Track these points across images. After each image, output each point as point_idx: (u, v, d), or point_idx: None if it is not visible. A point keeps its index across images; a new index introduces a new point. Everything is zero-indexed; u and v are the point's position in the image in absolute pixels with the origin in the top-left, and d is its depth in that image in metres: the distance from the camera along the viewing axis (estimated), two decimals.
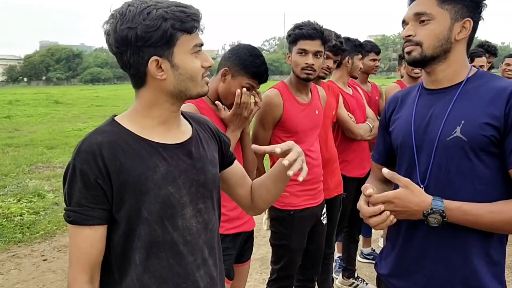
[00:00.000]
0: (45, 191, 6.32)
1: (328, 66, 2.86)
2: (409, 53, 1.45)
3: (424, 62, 1.45)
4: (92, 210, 1.16)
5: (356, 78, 3.44)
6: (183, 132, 1.35)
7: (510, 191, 1.38)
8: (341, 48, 2.91)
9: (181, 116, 1.38)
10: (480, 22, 1.47)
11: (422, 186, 1.43)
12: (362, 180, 3.26)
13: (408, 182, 1.36)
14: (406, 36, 1.45)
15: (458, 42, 1.43)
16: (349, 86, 3.35)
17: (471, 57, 3.87)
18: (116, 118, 1.28)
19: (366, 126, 3.20)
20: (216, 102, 2.08)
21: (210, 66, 1.28)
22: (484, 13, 1.46)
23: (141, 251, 1.21)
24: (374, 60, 3.68)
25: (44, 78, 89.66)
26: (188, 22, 1.19)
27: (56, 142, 10.85)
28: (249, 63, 2.05)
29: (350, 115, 3.14)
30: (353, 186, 3.19)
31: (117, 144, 1.19)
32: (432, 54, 1.42)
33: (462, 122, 1.35)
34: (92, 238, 1.18)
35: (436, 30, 1.40)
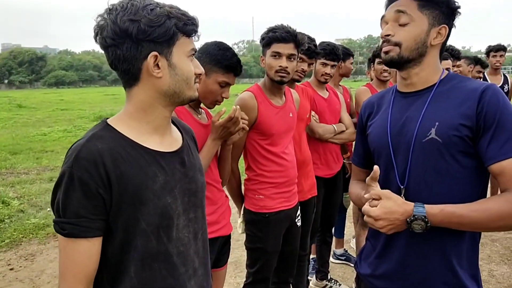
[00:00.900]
0: (10, 198, 6.10)
1: (302, 69, 2.90)
2: (386, 52, 1.47)
3: (400, 64, 1.47)
4: (91, 221, 1.10)
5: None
6: (176, 139, 1.34)
7: (484, 190, 1.43)
8: (315, 51, 2.95)
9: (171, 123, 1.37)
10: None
11: (402, 187, 1.46)
12: (329, 181, 3.31)
13: (388, 193, 1.36)
14: (385, 35, 1.47)
15: (433, 47, 1.46)
16: (327, 90, 3.39)
17: None
18: (109, 122, 1.22)
19: (329, 127, 3.24)
20: (213, 119, 2.08)
21: (200, 74, 1.27)
22: (457, 21, 1.50)
23: (137, 263, 1.17)
24: (352, 63, 3.89)
25: (6, 81, 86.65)
26: (189, 25, 1.20)
27: (19, 147, 10.51)
28: (220, 57, 2.07)
29: (313, 113, 3.18)
30: (320, 186, 3.19)
31: (117, 152, 1.14)
32: (408, 56, 1.45)
33: (436, 123, 1.39)
34: (89, 251, 1.12)
35: (414, 32, 1.43)
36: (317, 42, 3.12)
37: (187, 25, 1.19)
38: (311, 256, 3.81)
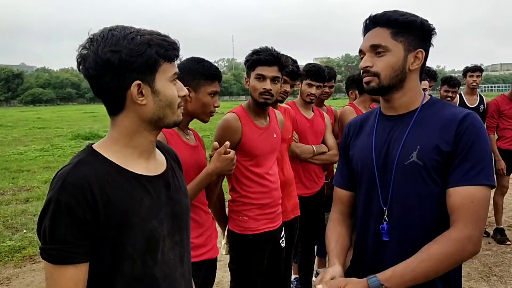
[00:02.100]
0: None
1: (285, 90, 2.95)
2: (367, 83, 1.52)
3: (381, 91, 1.52)
4: (79, 247, 1.10)
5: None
6: (160, 162, 1.34)
7: None
8: (298, 73, 3.00)
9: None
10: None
11: (384, 208, 1.49)
12: (307, 200, 3.32)
13: (344, 280, 1.40)
14: (364, 67, 1.51)
15: (412, 72, 1.51)
16: (312, 111, 3.43)
17: None
18: (94, 147, 1.23)
19: (307, 148, 3.28)
20: (213, 153, 2.13)
21: (184, 96, 1.29)
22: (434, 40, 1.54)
23: (124, 285, 1.16)
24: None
25: None
26: (170, 50, 1.20)
27: None
28: (201, 69, 2.13)
29: (294, 133, 3.22)
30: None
31: (103, 177, 1.15)
32: (389, 83, 1.49)
33: (418, 147, 1.44)
34: (77, 277, 1.11)
35: (391, 61, 1.47)
36: (298, 61, 3.18)
37: (168, 51, 1.20)
38: (293, 276, 3.80)
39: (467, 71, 5.41)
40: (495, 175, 1.45)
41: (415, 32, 1.48)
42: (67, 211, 1.08)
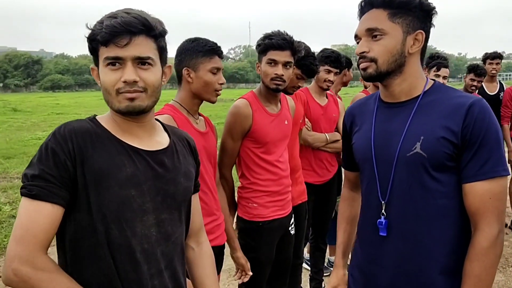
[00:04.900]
0: (1, 203, 6.04)
1: (299, 86, 2.91)
2: (364, 69, 1.44)
3: (379, 77, 1.44)
4: (58, 188, 1.15)
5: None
6: (158, 142, 1.36)
7: None
8: (316, 71, 2.97)
9: (158, 128, 1.40)
10: (437, 34, 1.48)
11: (383, 202, 1.44)
12: (320, 188, 3.29)
13: None
14: (360, 53, 1.43)
15: (412, 55, 1.42)
16: (326, 98, 3.38)
17: (438, 67, 3.95)
18: (97, 117, 1.32)
19: (320, 136, 3.24)
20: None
21: (126, 81, 1.21)
22: (435, 21, 1.45)
23: (101, 251, 1.20)
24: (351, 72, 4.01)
25: (1, 85, 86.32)
26: (101, 33, 1.20)
27: (13, 151, 10.43)
28: (196, 47, 2.07)
29: (306, 121, 3.18)
30: (310, 192, 3.18)
31: (89, 135, 1.22)
32: (387, 69, 1.41)
33: (422, 138, 1.36)
34: (52, 216, 1.15)
35: (389, 45, 1.39)
36: (316, 48, 3.14)
37: (97, 35, 1.21)
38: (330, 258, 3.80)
39: (486, 58, 5.27)
40: (508, 164, 1.38)
41: (414, 12, 1.39)
42: (52, 155, 1.17)
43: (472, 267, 1.33)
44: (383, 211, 1.44)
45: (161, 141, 1.37)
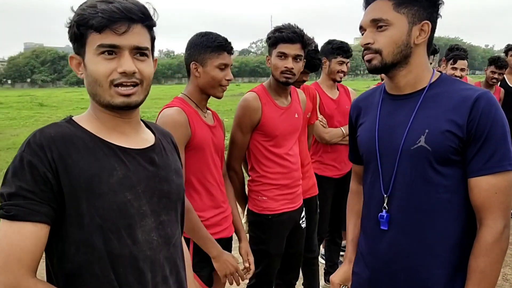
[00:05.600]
0: None
1: (304, 80, 2.91)
2: (369, 61, 1.42)
3: (384, 69, 1.42)
4: (39, 204, 1.02)
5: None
6: (144, 139, 1.27)
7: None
8: (319, 66, 3.01)
9: (142, 124, 1.31)
10: (464, 25, 1.46)
11: (385, 195, 1.43)
12: (339, 181, 3.28)
13: None
14: (364, 44, 1.41)
15: (418, 46, 1.40)
16: (337, 89, 3.36)
17: (454, 59, 3.87)
18: (73, 118, 1.20)
19: (337, 131, 3.22)
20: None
21: (123, 72, 1.12)
22: (441, 11, 1.42)
23: (100, 266, 1.09)
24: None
25: (28, 80, 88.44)
26: (95, 18, 1.09)
27: None
28: (206, 42, 2.07)
29: (321, 117, 3.14)
30: (330, 186, 3.20)
31: (70, 140, 1.10)
32: (392, 61, 1.39)
33: (426, 131, 1.34)
34: (35, 237, 1.02)
35: (394, 36, 1.37)
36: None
37: (89, 19, 1.09)
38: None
39: (508, 49, 5.13)
40: None
41: (419, 2, 1.36)
42: (29, 168, 1.03)
43: (477, 262, 1.32)
44: (385, 204, 1.43)
45: (147, 138, 1.28)
